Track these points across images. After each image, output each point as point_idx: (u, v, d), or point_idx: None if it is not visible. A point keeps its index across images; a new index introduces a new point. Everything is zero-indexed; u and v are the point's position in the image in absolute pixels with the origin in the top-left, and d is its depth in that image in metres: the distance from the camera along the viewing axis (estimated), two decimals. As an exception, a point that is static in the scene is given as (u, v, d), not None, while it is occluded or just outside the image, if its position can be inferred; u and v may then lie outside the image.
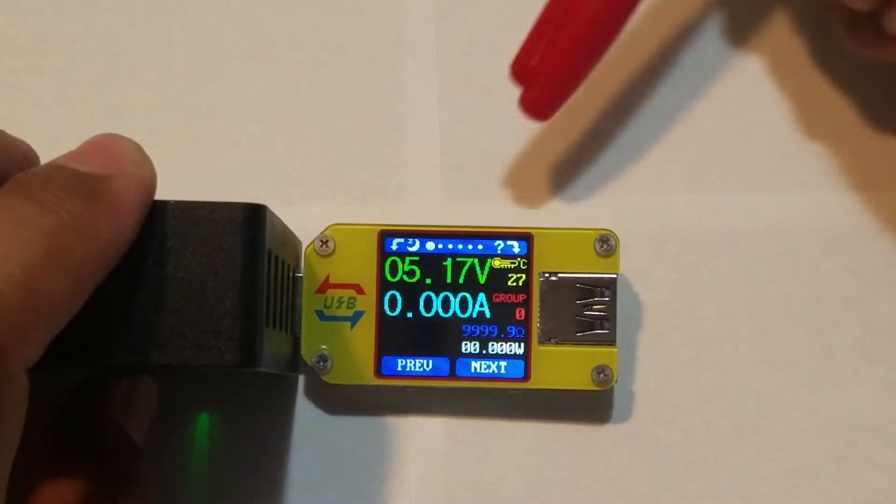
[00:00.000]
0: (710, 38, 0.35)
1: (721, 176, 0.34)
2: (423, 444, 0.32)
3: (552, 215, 0.34)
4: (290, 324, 0.30)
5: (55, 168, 0.23)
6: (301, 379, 0.32)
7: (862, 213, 0.34)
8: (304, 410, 0.32)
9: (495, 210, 0.34)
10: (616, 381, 0.31)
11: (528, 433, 0.32)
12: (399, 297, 0.31)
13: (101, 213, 0.23)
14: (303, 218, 0.31)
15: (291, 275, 0.30)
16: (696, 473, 0.32)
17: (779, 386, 0.33)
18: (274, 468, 0.32)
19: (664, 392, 0.32)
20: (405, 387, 0.31)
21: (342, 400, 0.32)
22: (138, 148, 0.24)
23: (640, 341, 0.33)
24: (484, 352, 0.31)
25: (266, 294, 0.25)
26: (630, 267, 0.33)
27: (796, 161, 0.34)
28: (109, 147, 0.24)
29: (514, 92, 0.35)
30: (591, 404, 0.32)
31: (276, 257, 0.27)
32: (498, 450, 0.32)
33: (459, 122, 0.34)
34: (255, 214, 0.25)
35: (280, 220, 0.28)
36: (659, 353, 0.33)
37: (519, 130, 0.34)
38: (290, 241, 0.30)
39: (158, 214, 0.24)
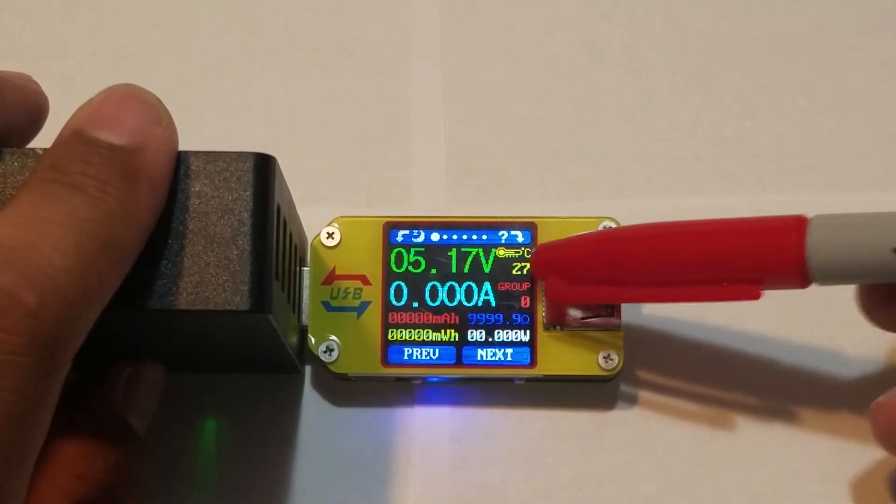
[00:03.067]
0: (713, 39, 0.36)
1: (726, 177, 0.34)
2: (429, 443, 0.32)
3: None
4: (297, 299, 0.30)
5: (90, 146, 0.23)
6: (305, 380, 0.32)
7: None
8: (309, 412, 0.32)
9: (499, 212, 0.34)
10: (622, 367, 0.31)
11: (533, 434, 0.32)
12: (405, 288, 0.31)
13: (141, 194, 0.23)
14: (309, 219, 0.32)
15: (297, 253, 0.30)
16: (702, 474, 0.32)
17: (786, 386, 0.33)
18: (278, 470, 0.32)
19: (670, 393, 0.32)
20: (411, 378, 0.31)
21: (346, 401, 0.32)
22: (160, 102, 0.24)
23: (645, 342, 0.33)
24: (490, 339, 0.31)
25: (275, 249, 0.25)
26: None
27: (800, 162, 0.35)
28: (134, 107, 0.24)
29: (519, 94, 0.35)
30: (597, 405, 0.32)
31: (284, 222, 0.27)
32: (503, 451, 0.32)
33: (464, 124, 0.35)
34: (264, 162, 0.25)
35: (289, 192, 0.28)
36: (664, 354, 0.33)
37: (523, 133, 0.35)
38: (297, 219, 0.30)
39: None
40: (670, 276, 0.28)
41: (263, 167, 0.25)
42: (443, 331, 0.31)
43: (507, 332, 0.31)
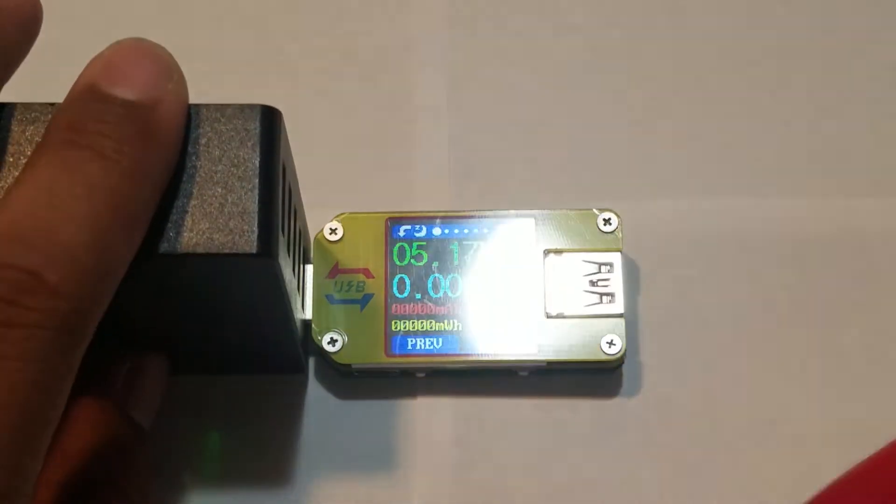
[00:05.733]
0: (717, 43, 0.36)
1: (730, 180, 0.35)
2: (432, 435, 0.32)
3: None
4: (301, 292, 0.30)
5: (105, 103, 0.23)
6: (309, 380, 0.33)
7: (870, 218, 0.34)
8: (312, 408, 0.32)
9: (502, 214, 0.34)
10: (625, 352, 0.31)
11: (537, 426, 0.32)
12: (407, 280, 0.32)
13: (156, 152, 0.23)
14: (312, 221, 0.32)
15: (301, 245, 0.30)
16: (705, 478, 0.32)
17: (787, 391, 0.32)
18: (282, 465, 0.32)
19: (672, 396, 0.32)
20: (415, 369, 0.32)
21: (349, 396, 0.32)
22: (170, 56, 0.25)
23: (648, 345, 0.33)
24: (493, 328, 0.31)
25: (281, 206, 0.26)
26: (637, 271, 0.33)
27: (804, 166, 0.35)
28: (146, 61, 0.24)
29: (523, 97, 0.36)
30: (601, 399, 0.32)
31: (290, 190, 0.27)
32: (507, 442, 0.32)
33: (468, 127, 0.35)
34: (270, 114, 0.26)
35: (293, 163, 0.28)
36: (667, 357, 0.33)
37: (527, 137, 0.35)
38: (302, 210, 0.30)
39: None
40: None
41: (270, 119, 0.25)
42: (446, 321, 0.31)
43: (511, 322, 0.31)
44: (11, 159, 0.24)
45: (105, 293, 0.22)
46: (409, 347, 0.31)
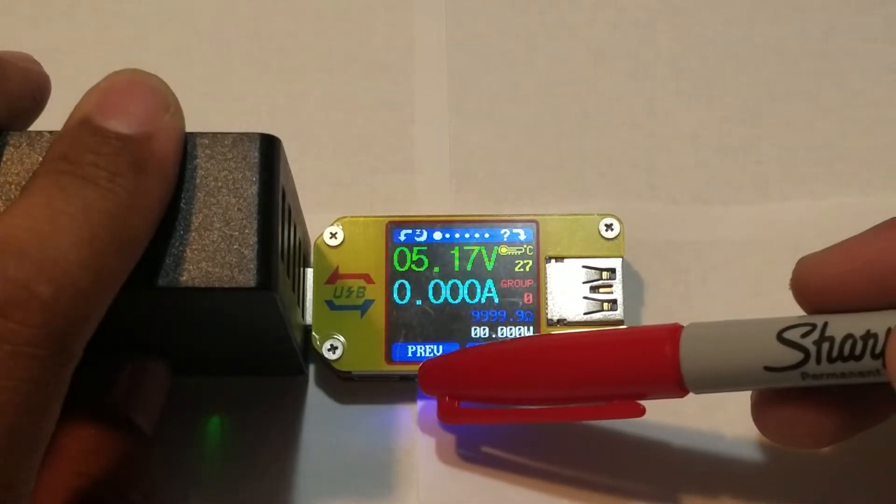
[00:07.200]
0: (718, 46, 0.36)
1: (729, 184, 0.35)
2: (432, 441, 0.32)
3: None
4: (301, 298, 0.30)
5: (99, 136, 0.23)
6: (309, 382, 0.32)
7: (870, 220, 0.34)
8: (312, 412, 0.32)
9: (502, 216, 0.34)
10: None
11: (536, 439, 0.32)
12: (408, 286, 0.31)
13: (151, 184, 0.23)
14: (313, 224, 0.32)
15: (302, 251, 0.30)
16: (706, 481, 0.32)
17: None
18: (282, 469, 0.32)
19: (672, 400, 0.32)
20: (416, 376, 0.32)
21: (349, 401, 0.32)
22: (166, 87, 0.25)
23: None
24: (493, 336, 0.31)
25: (280, 234, 0.26)
26: (638, 276, 0.33)
27: (804, 170, 0.35)
28: (141, 94, 0.24)
29: (523, 99, 0.35)
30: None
31: (289, 211, 0.27)
32: (506, 457, 0.32)
33: (469, 129, 0.35)
34: (269, 143, 0.25)
35: (294, 183, 0.28)
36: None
37: (528, 139, 0.35)
38: (301, 217, 0.30)
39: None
40: (553, 394, 0.29)
41: (269, 148, 0.25)
42: (446, 327, 0.31)
43: (511, 329, 0.31)
44: (9, 186, 0.24)
45: (96, 312, 0.22)
46: (410, 354, 0.31)
